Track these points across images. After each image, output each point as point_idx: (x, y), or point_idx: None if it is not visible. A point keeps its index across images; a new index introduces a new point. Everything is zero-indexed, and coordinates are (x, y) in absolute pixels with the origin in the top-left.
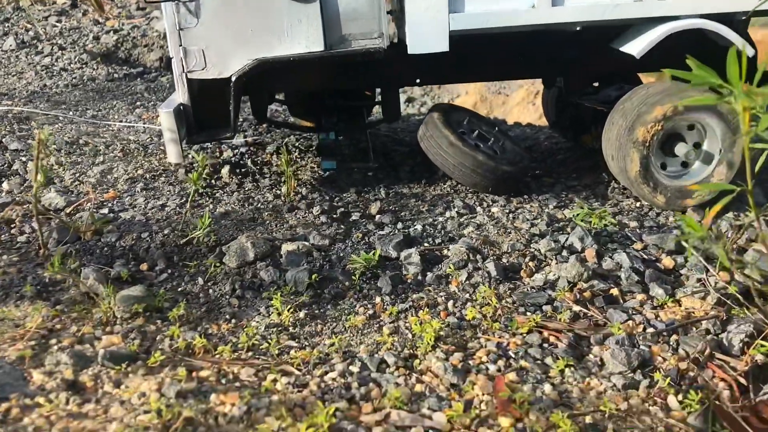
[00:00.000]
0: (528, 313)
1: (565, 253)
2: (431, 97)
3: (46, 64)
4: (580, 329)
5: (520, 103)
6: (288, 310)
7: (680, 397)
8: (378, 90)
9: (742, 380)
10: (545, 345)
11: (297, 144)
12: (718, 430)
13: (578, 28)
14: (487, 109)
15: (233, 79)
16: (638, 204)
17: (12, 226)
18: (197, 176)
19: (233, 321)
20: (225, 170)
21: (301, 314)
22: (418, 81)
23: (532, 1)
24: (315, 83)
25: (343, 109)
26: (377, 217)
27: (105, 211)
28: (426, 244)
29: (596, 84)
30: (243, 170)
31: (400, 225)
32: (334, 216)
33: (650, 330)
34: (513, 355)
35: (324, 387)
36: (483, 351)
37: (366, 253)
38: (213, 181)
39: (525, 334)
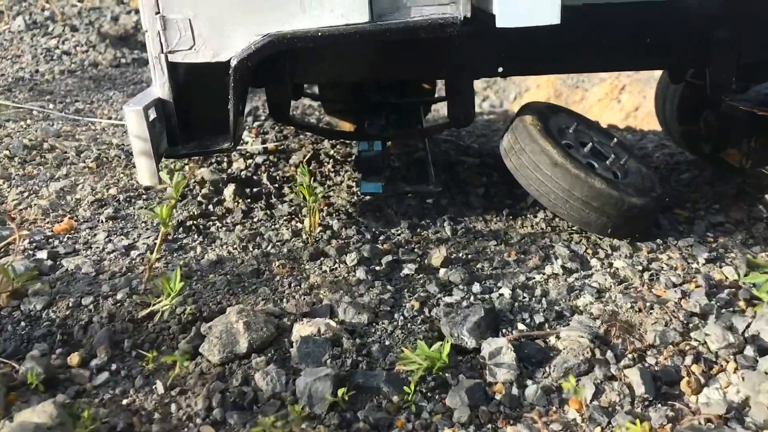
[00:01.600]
0: None
1: (749, 350)
2: (495, 90)
3: (49, 46)
4: None
5: (603, 99)
6: None
7: None
8: (438, 81)
9: None
10: None
11: (332, 152)
12: None
13: None
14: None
15: (234, 63)
16: None
17: None
18: (166, 212)
19: None
20: (229, 191)
21: None
22: (500, 70)
23: None
24: (356, 72)
25: (393, 108)
26: (442, 271)
27: (43, 254)
28: (520, 325)
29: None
30: (255, 190)
31: (476, 287)
32: (378, 269)
33: None
34: None
35: None
36: None
37: (426, 343)
38: (211, 206)
39: None
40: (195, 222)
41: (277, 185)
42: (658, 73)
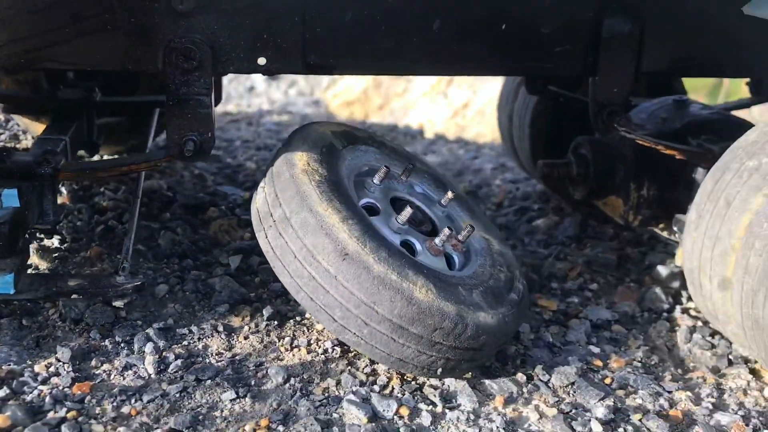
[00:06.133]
0: None
1: None
2: (298, 89)
3: None
4: None
5: (429, 93)
6: None
7: None
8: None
9: None
10: None
11: None
12: None
13: None
14: (382, 100)
15: None
16: None
17: None
18: None
19: None
20: None
21: None
22: (262, 63)
23: None
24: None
25: (105, 110)
26: None
27: None
28: None
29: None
30: None
31: None
32: None
33: None
34: None
35: None
36: None
37: None
38: None
39: None
40: None
41: None
42: None
